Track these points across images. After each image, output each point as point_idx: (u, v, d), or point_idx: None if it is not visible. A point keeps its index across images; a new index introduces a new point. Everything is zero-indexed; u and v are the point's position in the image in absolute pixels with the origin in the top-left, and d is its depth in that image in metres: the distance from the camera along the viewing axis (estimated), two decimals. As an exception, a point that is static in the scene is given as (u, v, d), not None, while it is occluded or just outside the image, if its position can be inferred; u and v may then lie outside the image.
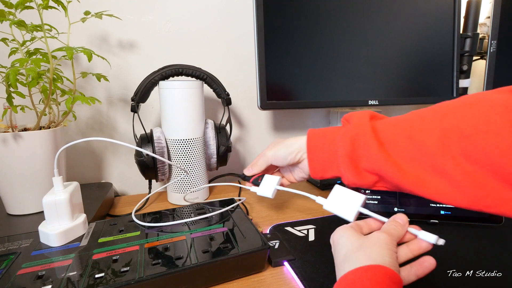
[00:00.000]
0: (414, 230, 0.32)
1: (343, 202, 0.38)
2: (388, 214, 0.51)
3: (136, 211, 0.56)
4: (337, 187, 0.39)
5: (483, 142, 0.27)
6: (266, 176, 0.47)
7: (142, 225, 0.42)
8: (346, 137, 0.37)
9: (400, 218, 0.33)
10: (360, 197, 0.37)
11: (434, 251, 0.43)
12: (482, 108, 0.29)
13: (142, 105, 0.59)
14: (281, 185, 0.46)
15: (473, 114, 0.29)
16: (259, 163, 0.47)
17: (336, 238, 0.33)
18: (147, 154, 0.54)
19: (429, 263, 0.30)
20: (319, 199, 0.40)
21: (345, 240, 0.31)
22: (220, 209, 0.47)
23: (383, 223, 0.35)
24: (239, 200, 0.50)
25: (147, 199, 0.61)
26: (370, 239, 0.30)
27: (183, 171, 0.57)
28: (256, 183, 0.47)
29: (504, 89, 0.29)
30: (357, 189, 0.53)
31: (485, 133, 0.27)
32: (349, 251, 0.30)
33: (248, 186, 0.48)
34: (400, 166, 0.33)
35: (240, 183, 0.53)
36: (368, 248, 0.29)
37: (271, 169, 0.49)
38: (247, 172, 0.48)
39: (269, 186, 0.45)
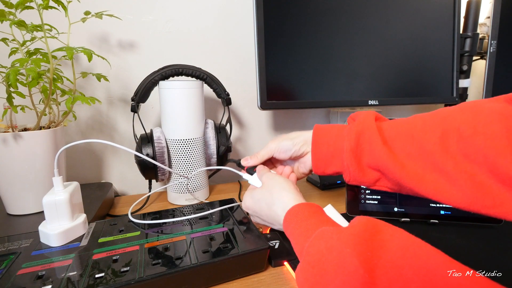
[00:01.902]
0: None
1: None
2: (388, 214, 0.51)
3: (136, 211, 0.56)
4: (330, 208, 0.42)
5: (481, 143, 0.29)
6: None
7: (140, 224, 0.42)
8: (351, 132, 0.38)
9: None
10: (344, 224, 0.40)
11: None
12: (480, 113, 0.30)
13: (142, 105, 0.59)
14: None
15: (472, 118, 0.31)
16: (260, 154, 0.46)
17: (249, 204, 0.41)
18: (147, 154, 0.54)
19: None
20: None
21: (259, 196, 0.39)
22: (220, 208, 0.47)
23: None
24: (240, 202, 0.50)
25: (147, 199, 0.61)
26: (275, 188, 0.39)
27: (185, 177, 0.57)
28: (250, 172, 0.47)
29: (499, 98, 0.31)
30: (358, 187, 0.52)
31: (482, 135, 0.29)
32: (269, 200, 0.38)
33: (242, 173, 0.48)
34: (401, 163, 0.34)
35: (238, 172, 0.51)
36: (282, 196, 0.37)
37: (269, 164, 0.49)
38: (244, 162, 0.47)
39: None
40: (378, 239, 0.25)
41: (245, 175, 0.47)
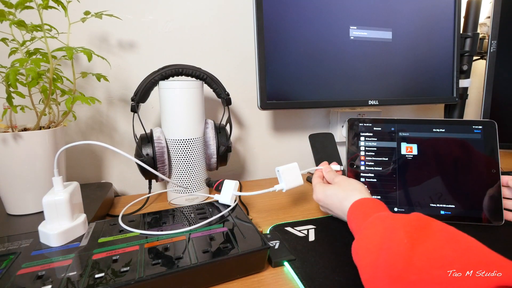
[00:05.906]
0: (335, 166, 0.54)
1: (291, 176, 0.48)
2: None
3: (136, 211, 0.56)
4: (278, 170, 0.48)
5: None
6: (226, 182, 0.49)
7: (139, 224, 0.42)
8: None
9: (324, 166, 0.54)
10: (295, 165, 0.49)
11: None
12: None
13: (142, 105, 0.59)
14: None
15: None
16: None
17: (321, 197, 0.47)
18: (147, 154, 0.54)
19: None
20: (277, 187, 0.48)
21: (332, 192, 0.46)
22: (219, 210, 0.47)
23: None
24: (237, 198, 0.51)
25: (147, 200, 0.61)
26: (348, 187, 0.45)
27: (183, 187, 0.57)
28: (218, 189, 0.50)
29: None
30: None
31: None
32: (342, 196, 0.44)
33: (213, 195, 0.51)
34: None
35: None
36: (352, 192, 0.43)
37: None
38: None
39: (228, 193, 0.48)
40: (428, 229, 0.31)
41: (215, 196, 0.50)
